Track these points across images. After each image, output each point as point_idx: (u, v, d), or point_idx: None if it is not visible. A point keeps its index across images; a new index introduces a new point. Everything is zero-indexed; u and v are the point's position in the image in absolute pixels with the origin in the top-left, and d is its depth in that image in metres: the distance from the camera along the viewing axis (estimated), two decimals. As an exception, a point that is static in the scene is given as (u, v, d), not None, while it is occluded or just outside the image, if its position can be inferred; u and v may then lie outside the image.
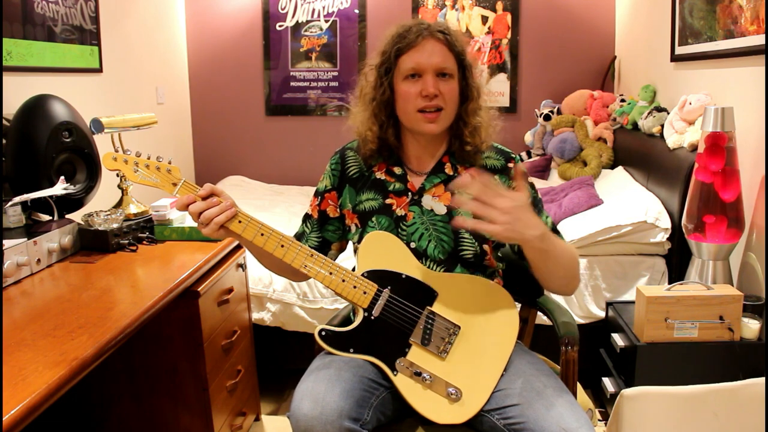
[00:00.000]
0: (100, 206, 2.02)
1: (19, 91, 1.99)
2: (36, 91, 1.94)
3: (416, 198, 1.38)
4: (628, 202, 2.44)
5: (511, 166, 1.41)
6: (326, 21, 3.81)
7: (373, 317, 1.29)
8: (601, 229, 2.32)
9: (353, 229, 1.42)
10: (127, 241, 1.87)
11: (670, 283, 2.22)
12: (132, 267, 1.74)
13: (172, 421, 1.79)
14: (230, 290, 1.93)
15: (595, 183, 2.90)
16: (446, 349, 1.29)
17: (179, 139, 3.85)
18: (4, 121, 1.88)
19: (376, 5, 3.79)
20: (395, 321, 1.29)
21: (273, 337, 2.44)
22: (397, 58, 1.34)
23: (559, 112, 3.52)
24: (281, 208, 3.12)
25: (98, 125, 2.01)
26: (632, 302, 2.13)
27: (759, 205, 2.02)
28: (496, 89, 3.80)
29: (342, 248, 1.52)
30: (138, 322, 1.36)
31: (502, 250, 1.45)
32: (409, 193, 1.39)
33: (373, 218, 1.38)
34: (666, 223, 2.28)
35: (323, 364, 1.27)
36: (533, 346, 1.55)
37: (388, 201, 1.39)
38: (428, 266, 1.35)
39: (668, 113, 2.61)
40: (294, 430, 1.17)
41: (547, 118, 3.50)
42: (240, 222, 1.28)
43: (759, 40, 2.03)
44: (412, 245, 1.36)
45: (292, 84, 3.90)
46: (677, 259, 2.30)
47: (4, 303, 1.42)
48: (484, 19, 3.76)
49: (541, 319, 2.02)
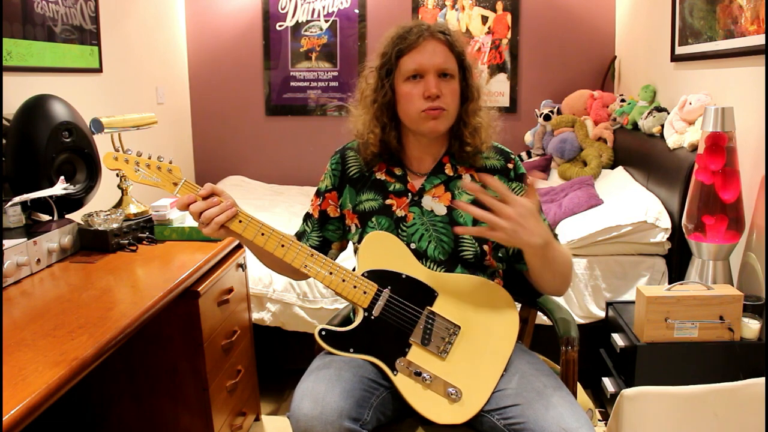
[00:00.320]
0: (100, 206, 2.02)
1: (19, 91, 1.99)
2: (36, 91, 1.94)
3: (416, 199, 1.38)
4: (628, 202, 2.44)
5: (510, 166, 1.41)
6: (326, 21, 3.81)
7: (373, 317, 1.29)
8: (601, 229, 2.32)
9: (353, 229, 1.42)
10: (127, 241, 1.87)
11: (670, 283, 2.22)
12: (132, 267, 1.74)
13: (172, 421, 1.79)
14: (230, 290, 1.93)
15: (595, 183, 2.90)
16: (446, 349, 1.29)
17: (179, 139, 3.85)
18: (4, 121, 1.88)
19: (376, 5, 3.79)
20: (395, 321, 1.29)
21: (273, 337, 2.44)
22: (398, 59, 1.33)
23: (559, 112, 3.52)
24: (281, 208, 3.12)
25: (98, 125, 2.01)
26: (632, 302, 2.13)
27: (759, 205, 2.02)
28: (496, 89, 3.80)
29: (343, 248, 1.52)
30: (138, 322, 1.36)
31: (502, 251, 1.44)
32: (409, 194, 1.39)
33: (373, 219, 1.38)
34: (666, 223, 2.28)
35: (323, 364, 1.27)
36: (533, 346, 1.54)
37: (388, 201, 1.39)
38: (428, 267, 1.35)
39: (668, 113, 2.61)
40: (294, 430, 1.17)
41: (547, 118, 3.50)
42: (240, 222, 1.28)
43: (759, 40, 2.03)
44: (412, 246, 1.36)
45: (292, 84, 3.90)
46: (677, 259, 2.30)
47: (4, 303, 1.42)
48: (484, 19, 3.76)
49: (541, 319, 2.02)
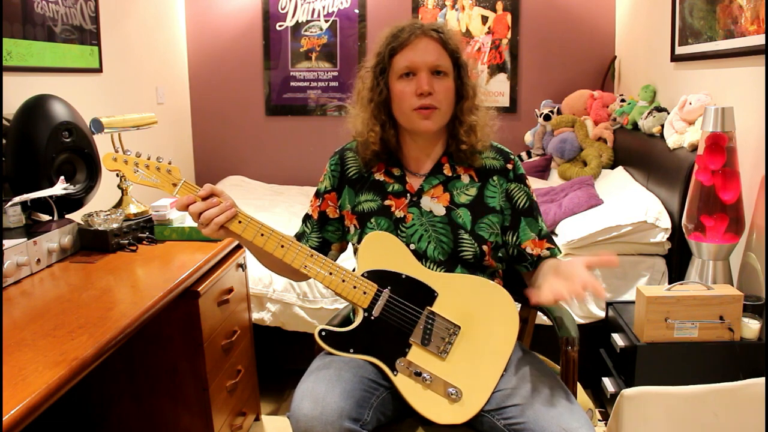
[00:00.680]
0: (100, 206, 2.02)
1: (19, 91, 1.99)
2: (36, 91, 1.94)
3: (415, 199, 1.38)
4: (628, 202, 2.44)
5: (510, 167, 1.41)
6: (326, 21, 3.81)
7: (373, 317, 1.29)
8: (601, 229, 2.32)
9: (352, 230, 1.42)
10: (127, 241, 1.87)
11: (670, 283, 2.22)
12: (132, 267, 1.74)
13: (172, 421, 1.79)
14: (230, 290, 1.93)
15: (595, 183, 2.90)
16: (446, 349, 1.29)
17: (179, 139, 3.85)
18: (4, 121, 1.88)
19: (376, 5, 3.79)
20: (395, 321, 1.29)
21: (273, 337, 2.44)
22: (391, 57, 1.34)
23: (559, 112, 3.51)
24: (281, 208, 3.12)
25: (98, 125, 2.01)
26: (632, 302, 2.12)
27: (759, 205, 2.02)
28: (496, 89, 3.80)
29: (342, 249, 1.52)
30: (138, 322, 1.36)
31: (501, 251, 1.44)
32: (408, 195, 1.39)
33: (372, 219, 1.38)
34: (666, 223, 2.28)
35: (323, 364, 1.27)
36: (533, 346, 1.54)
37: (387, 202, 1.39)
38: (428, 267, 1.35)
39: (668, 113, 2.61)
40: (294, 431, 1.17)
41: (547, 118, 3.50)
42: (240, 222, 1.28)
43: (759, 40, 2.03)
44: (412, 247, 1.36)
45: (292, 84, 3.90)
46: (677, 259, 2.30)
47: (4, 303, 1.42)
48: (484, 19, 3.76)
49: (541, 319, 2.01)
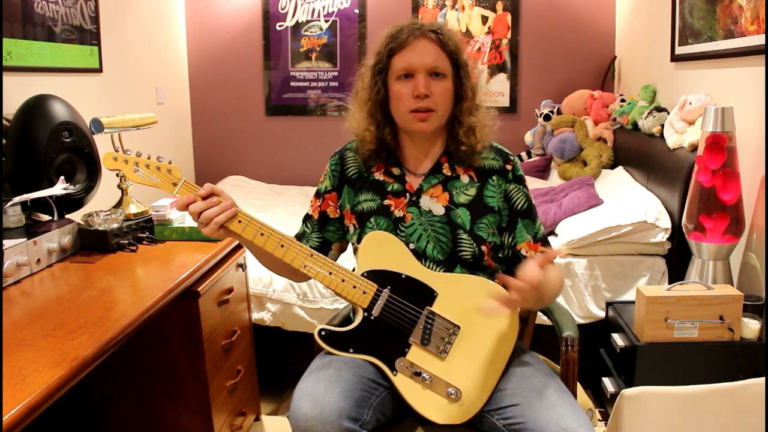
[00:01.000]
0: (100, 206, 2.02)
1: (19, 91, 1.99)
2: (36, 91, 1.94)
3: (414, 199, 1.38)
4: (628, 202, 2.44)
5: (509, 168, 1.41)
6: (326, 21, 3.81)
7: (372, 317, 1.29)
8: (601, 229, 2.32)
9: (351, 229, 1.42)
10: (127, 241, 1.87)
11: (670, 283, 2.22)
12: (132, 267, 1.74)
13: (172, 421, 1.79)
14: (230, 290, 1.93)
15: (595, 183, 2.90)
16: (446, 349, 1.29)
17: (179, 139, 3.85)
18: (4, 121, 1.88)
19: (376, 5, 3.79)
20: (395, 321, 1.29)
21: (273, 337, 2.44)
22: (389, 58, 1.34)
23: (559, 112, 3.51)
24: (281, 208, 3.12)
25: (98, 125, 2.01)
26: (632, 302, 2.13)
27: (759, 205, 2.02)
28: (496, 89, 3.80)
29: (342, 249, 1.52)
30: (138, 322, 1.36)
31: (501, 251, 1.44)
32: (407, 194, 1.39)
33: (372, 219, 1.38)
34: (666, 223, 2.28)
35: (323, 364, 1.27)
36: (533, 346, 1.54)
37: (386, 202, 1.39)
38: (428, 267, 1.35)
39: (668, 113, 2.61)
40: (294, 430, 1.17)
41: (547, 118, 3.50)
42: (240, 222, 1.28)
43: (759, 40, 2.03)
44: (411, 246, 1.35)
45: (292, 84, 3.90)
46: (677, 259, 2.30)
47: (4, 303, 1.42)
48: (484, 19, 3.76)
49: (541, 319, 2.02)
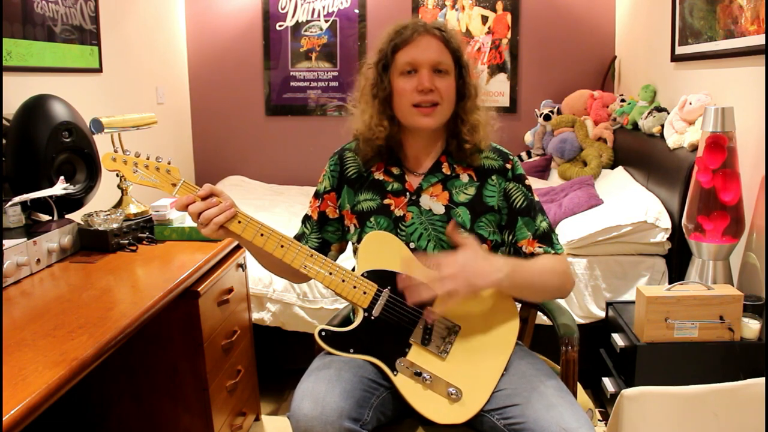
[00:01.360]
0: (100, 206, 2.02)
1: (19, 91, 1.98)
2: (36, 91, 1.94)
3: (414, 198, 1.38)
4: (628, 202, 2.44)
5: (509, 167, 1.41)
6: (326, 21, 3.81)
7: (373, 317, 1.29)
8: (601, 229, 2.32)
9: (352, 229, 1.42)
10: (127, 241, 1.87)
11: (670, 283, 2.22)
12: (132, 267, 1.74)
13: (172, 421, 1.79)
14: (230, 290, 1.93)
15: (595, 183, 2.90)
16: (446, 349, 1.29)
17: (179, 139, 3.85)
18: (4, 121, 1.88)
19: (376, 5, 3.79)
20: (395, 321, 1.29)
21: (273, 337, 2.44)
22: (393, 54, 1.34)
23: (559, 112, 3.51)
24: (281, 208, 3.12)
25: (98, 125, 2.01)
26: (632, 302, 2.13)
27: (759, 205, 2.02)
28: (496, 89, 3.80)
29: (342, 249, 1.52)
30: (138, 322, 1.36)
31: (501, 250, 1.44)
32: (407, 193, 1.39)
33: (372, 219, 1.38)
34: (666, 223, 2.28)
35: (323, 364, 1.27)
36: (533, 346, 1.54)
37: (386, 201, 1.39)
38: (428, 266, 1.35)
39: (668, 113, 2.61)
40: (294, 430, 1.17)
41: (547, 118, 3.50)
42: (239, 222, 1.28)
43: (759, 40, 2.03)
44: (412, 245, 1.35)
45: (292, 84, 3.90)
46: (677, 259, 2.30)
47: (4, 303, 1.42)
48: (484, 19, 3.76)
49: (541, 319, 2.02)
